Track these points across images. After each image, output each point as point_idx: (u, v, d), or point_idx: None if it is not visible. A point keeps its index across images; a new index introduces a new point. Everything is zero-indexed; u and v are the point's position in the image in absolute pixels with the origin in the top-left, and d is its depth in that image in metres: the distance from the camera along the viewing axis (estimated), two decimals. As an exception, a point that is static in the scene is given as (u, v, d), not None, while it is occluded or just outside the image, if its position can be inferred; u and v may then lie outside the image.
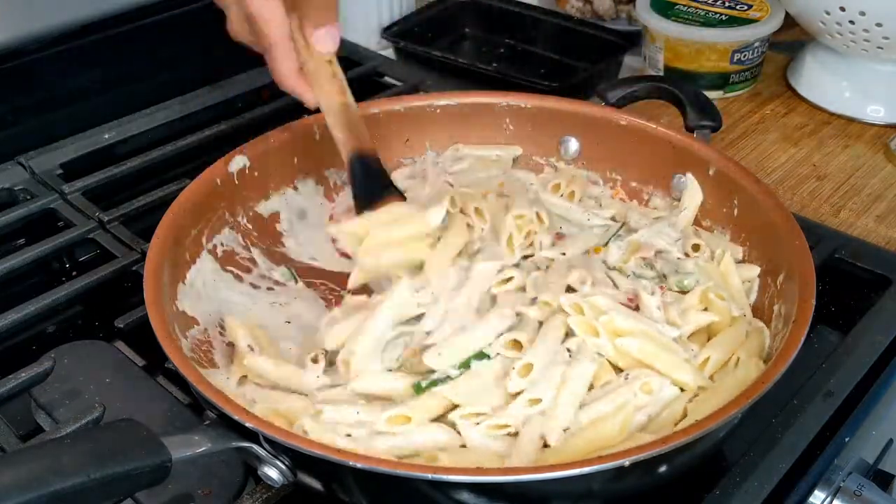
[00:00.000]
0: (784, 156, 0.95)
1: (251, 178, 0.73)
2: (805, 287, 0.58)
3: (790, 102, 1.04)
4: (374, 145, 0.67)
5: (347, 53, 1.08)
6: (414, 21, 1.13)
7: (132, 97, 0.95)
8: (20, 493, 0.42)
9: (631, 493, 0.53)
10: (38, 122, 0.91)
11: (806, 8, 0.95)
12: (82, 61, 0.93)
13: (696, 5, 1.04)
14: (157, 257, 0.62)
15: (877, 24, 0.90)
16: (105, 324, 0.69)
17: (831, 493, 0.60)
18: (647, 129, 0.76)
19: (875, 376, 0.64)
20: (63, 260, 0.78)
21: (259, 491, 0.55)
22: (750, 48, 1.01)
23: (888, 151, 0.93)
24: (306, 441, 0.49)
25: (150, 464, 0.47)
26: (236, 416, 0.49)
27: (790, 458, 0.58)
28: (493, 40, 1.16)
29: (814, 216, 0.84)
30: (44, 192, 0.83)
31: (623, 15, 1.17)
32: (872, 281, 0.73)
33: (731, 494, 0.55)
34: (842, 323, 0.69)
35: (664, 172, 0.75)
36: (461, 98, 0.80)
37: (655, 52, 1.05)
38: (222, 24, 0.64)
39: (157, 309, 0.57)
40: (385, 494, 0.52)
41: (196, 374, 0.53)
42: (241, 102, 0.98)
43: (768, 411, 0.60)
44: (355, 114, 0.66)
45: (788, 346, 0.54)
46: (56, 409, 0.61)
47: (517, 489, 0.49)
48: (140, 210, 0.80)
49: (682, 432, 0.49)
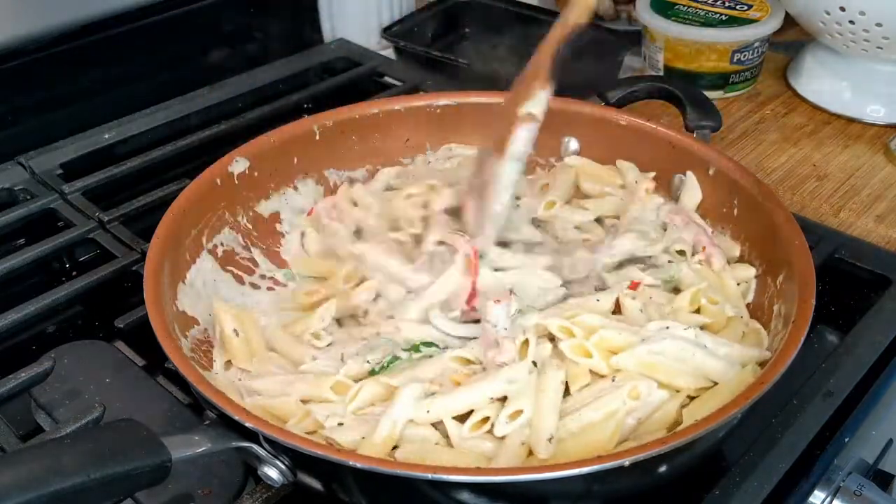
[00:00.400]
0: (784, 156, 0.95)
1: (251, 178, 0.73)
2: (805, 287, 0.58)
3: (790, 102, 1.04)
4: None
5: (347, 53, 1.08)
6: (414, 21, 1.13)
7: (132, 97, 0.95)
8: (20, 493, 0.42)
9: (631, 493, 0.53)
10: (38, 122, 0.91)
11: (806, 8, 0.95)
12: (82, 61, 0.93)
13: (696, 5, 1.04)
14: (157, 257, 0.62)
15: (877, 24, 0.90)
16: (105, 324, 0.69)
17: (831, 493, 0.60)
18: (646, 130, 0.76)
19: (875, 376, 0.64)
20: (63, 260, 0.78)
21: (259, 491, 0.55)
22: (750, 48, 1.01)
23: (888, 151, 0.93)
24: (306, 441, 0.49)
25: (150, 464, 0.47)
26: (236, 416, 0.49)
27: (790, 458, 0.58)
28: (493, 40, 1.16)
29: (814, 216, 0.84)
30: (44, 192, 0.83)
31: (623, 15, 1.17)
32: (872, 281, 0.73)
33: (731, 494, 0.55)
34: (842, 323, 0.69)
35: (664, 172, 0.75)
36: (461, 98, 0.80)
37: (655, 52, 1.05)
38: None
39: (157, 309, 0.57)
40: (385, 494, 0.52)
41: (196, 374, 0.53)
42: (241, 102, 0.98)
43: (768, 411, 0.60)
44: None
45: (788, 347, 0.54)
46: (56, 409, 0.61)
47: (517, 489, 0.49)
48: (140, 210, 0.80)
49: (683, 432, 0.49)
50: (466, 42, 1.17)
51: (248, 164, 0.72)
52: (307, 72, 1.05)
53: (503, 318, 0.60)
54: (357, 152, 0.79)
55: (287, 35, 1.09)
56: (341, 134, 0.78)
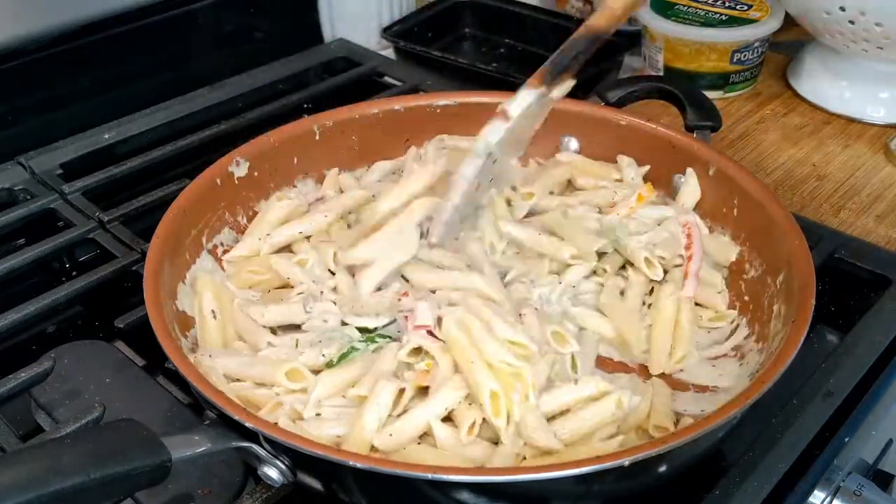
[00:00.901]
0: (784, 156, 0.95)
1: (251, 178, 0.73)
2: (805, 287, 0.58)
3: (790, 102, 1.04)
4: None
5: (347, 53, 1.08)
6: (414, 21, 1.13)
7: (132, 97, 0.95)
8: (20, 493, 0.42)
9: (631, 493, 0.53)
10: (38, 122, 0.91)
11: (806, 8, 0.95)
12: (82, 61, 0.93)
13: (696, 5, 1.04)
14: (157, 257, 0.62)
15: (877, 24, 0.90)
16: (105, 324, 0.69)
17: (831, 493, 0.60)
18: (646, 129, 0.76)
19: (875, 376, 0.64)
20: (63, 260, 0.78)
21: (259, 491, 0.55)
22: (750, 48, 1.01)
23: (888, 151, 0.93)
24: (306, 441, 0.49)
25: (150, 464, 0.47)
26: (236, 416, 0.49)
27: (790, 458, 0.58)
28: (493, 40, 1.16)
29: (814, 216, 0.84)
30: (44, 192, 0.83)
31: (623, 15, 1.17)
32: (872, 281, 0.73)
33: (731, 494, 0.55)
34: (842, 323, 0.69)
35: (664, 172, 0.76)
36: (461, 98, 0.80)
37: (655, 52, 1.05)
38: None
39: (157, 309, 0.57)
40: (385, 494, 0.52)
41: (196, 374, 0.53)
42: (241, 102, 0.98)
43: (768, 411, 0.60)
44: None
45: (788, 346, 0.54)
46: (56, 409, 0.61)
47: (517, 489, 0.49)
48: (140, 210, 0.80)
49: (683, 432, 0.49)
50: (466, 42, 1.17)
51: (248, 164, 0.73)
52: (307, 72, 1.05)
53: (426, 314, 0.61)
54: (357, 152, 0.80)
55: (287, 35, 1.09)
56: (341, 134, 0.78)
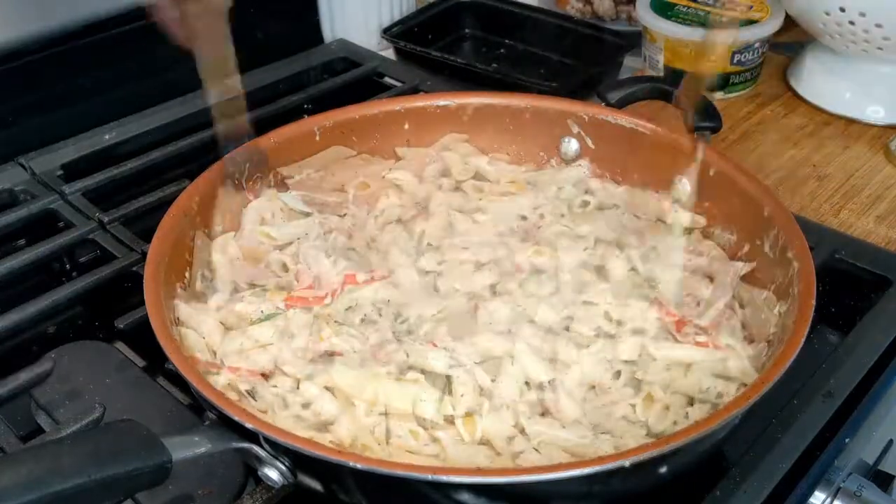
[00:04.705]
0: (784, 156, 0.95)
1: (251, 178, 0.73)
2: (805, 287, 0.58)
3: (790, 103, 1.04)
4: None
5: (348, 54, 1.08)
6: (414, 21, 1.13)
7: (132, 97, 0.95)
8: (20, 494, 0.42)
9: (631, 493, 0.53)
10: (38, 122, 0.91)
11: (806, 9, 0.95)
12: (82, 61, 0.93)
13: (696, 6, 1.04)
14: (157, 258, 0.61)
15: (877, 25, 0.90)
16: (105, 324, 0.69)
17: (831, 493, 0.60)
18: (646, 130, 0.76)
19: (875, 377, 0.64)
20: (63, 260, 0.78)
21: (259, 491, 0.55)
22: (750, 49, 1.01)
23: (888, 152, 0.94)
24: (306, 442, 0.49)
25: (150, 464, 0.47)
26: (237, 416, 0.49)
27: (790, 458, 0.58)
28: (493, 40, 1.16)
29: (814, 216, 0.84)
30: (44, 192, 0.83)
31: (623, 15, 1.17)
32: (872, 281, 0.73)
33: (731, 494, 0.55)
34: (842, 323, 0.69)
35: (664, 173, 0.75)
36: (461, 98, 0.80)
37: (655, 52, 1.05)
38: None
39: (157, 309, 0.57)
40: (385, 495, 0.52)
41: (196, 375, 0.53)
42: (240, 103, 0.98)
43: (768, 411, 0.60)
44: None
45: (788, 347, 0.54)
46: (56, 409, 0.61)
47: (517, 490, 0.49)
48: (140, 210, 0.80)
49: (683, 432, 0.49)
50: (466, 42, 1.17)
51: (248, 163, 0.72)
52: (307, 72, 1.06)
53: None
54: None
55: (287, 35, 1.09)
56: (341, 134, 0.78)
